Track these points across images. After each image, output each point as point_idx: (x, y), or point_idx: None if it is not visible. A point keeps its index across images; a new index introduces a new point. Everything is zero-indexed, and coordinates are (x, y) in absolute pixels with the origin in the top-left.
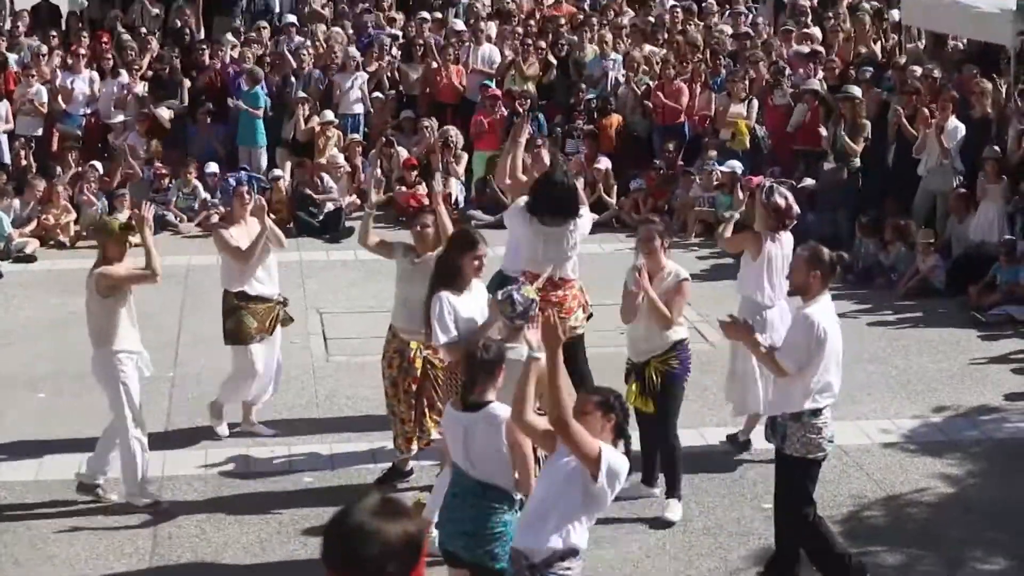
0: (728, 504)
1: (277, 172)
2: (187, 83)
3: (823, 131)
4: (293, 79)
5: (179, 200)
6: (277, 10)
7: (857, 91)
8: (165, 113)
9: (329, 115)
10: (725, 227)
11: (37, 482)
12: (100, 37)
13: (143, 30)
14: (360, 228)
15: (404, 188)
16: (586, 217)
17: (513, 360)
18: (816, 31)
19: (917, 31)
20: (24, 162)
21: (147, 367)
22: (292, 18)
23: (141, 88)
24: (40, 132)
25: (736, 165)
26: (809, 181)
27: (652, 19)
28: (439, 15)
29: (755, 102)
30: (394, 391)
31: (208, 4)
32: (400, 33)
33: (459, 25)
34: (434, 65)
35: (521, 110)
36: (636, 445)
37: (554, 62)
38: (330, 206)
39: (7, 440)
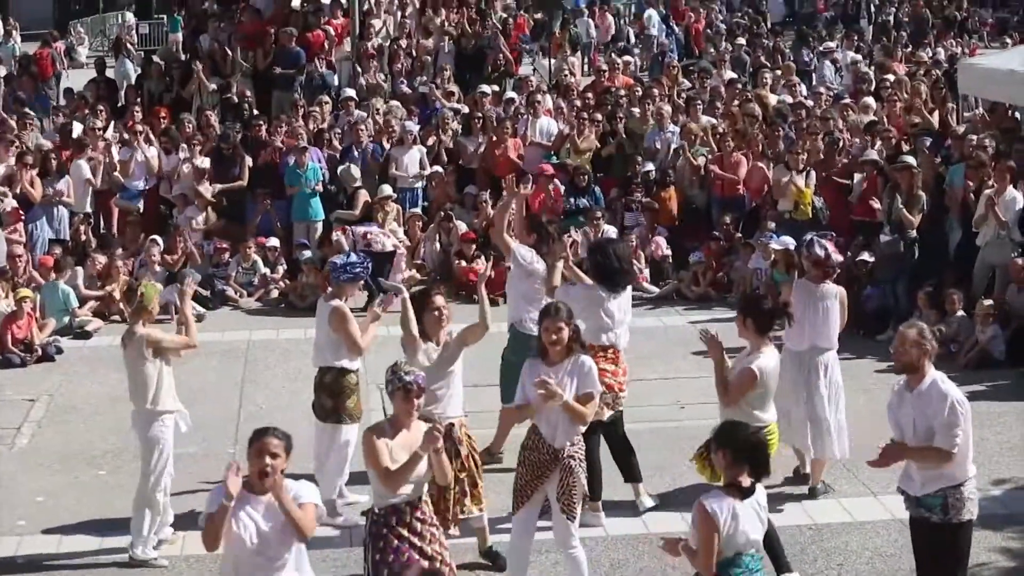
0: None
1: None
2: (248, 160)
3: (875, 203)
4: (353, 153)
5: (238, 275)
6: (336, 84)
7: (912, 160)
8: (206, 191)
9: (387, 190)
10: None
11: (96, 562)
12: (158, 112)
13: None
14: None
15: (463, 262)
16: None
17: None
18: (872, 101)
19: (974, 100)
20: (84, 237)
21: (185, 422)
22: (351, 92)
23: (200, 163)
24: (90, 209)
25: (789, 242)
26: (867, 256)
27: (708, 90)
28: (496, 88)
29: (812, 173)
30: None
31: (267, 80)
32: (461, 107)
33: (516, 99)
34: (493, 138)
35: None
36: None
37: (611, 134)
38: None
39: (68, 519)
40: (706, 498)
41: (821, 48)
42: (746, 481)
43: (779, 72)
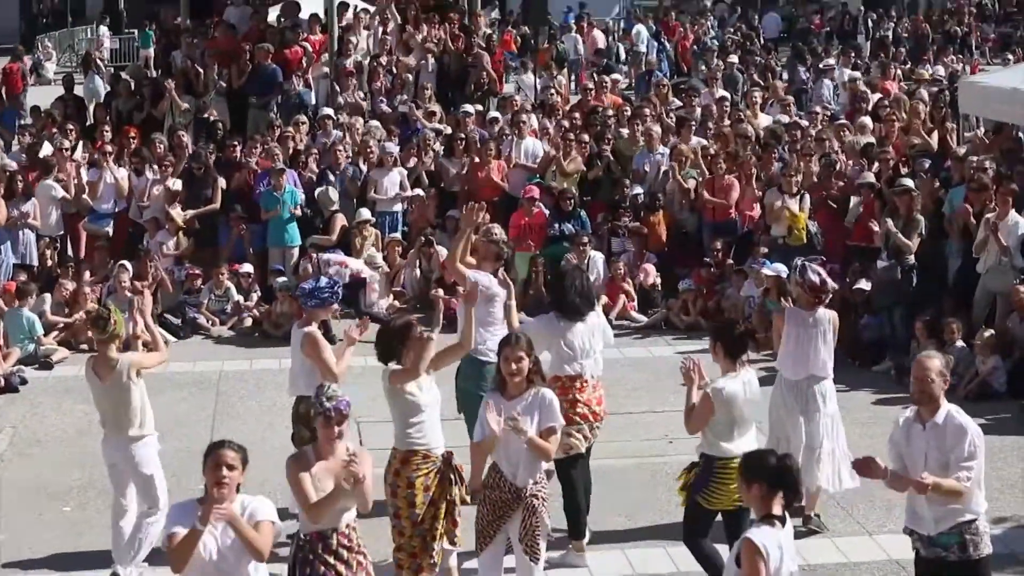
0: None
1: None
2: (221, 181)
3: (875, 226)
4: (330, 175)
5: (211, 303)
6: (313, 103)
7: (911, 184)
8: (178, 215)
9: (365, 213)
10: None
11: None
12: (127, 132)
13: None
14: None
15: (443, 291)
16: (602, 318)
17: None
18: (869, 121)
19: (975, 119)
20: (50, 262)
21: (156, 444)
22: (329, 111)
23: (171, 185)
24: (61, 232)
25: (781, 269)
26: (864, 284)
27: (699, 110)
28: (479, 107)
29: (807, 197)
30: (412, 525)
31: (242, 98)
32: (444, 127)
33: (500, 119)
34: (476, 160)
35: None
36: None
37: (598, 156)
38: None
39: (32, 556)
40: (752, 533)
41: (821, 65)
42: (778, 509)
43: (768, 91)
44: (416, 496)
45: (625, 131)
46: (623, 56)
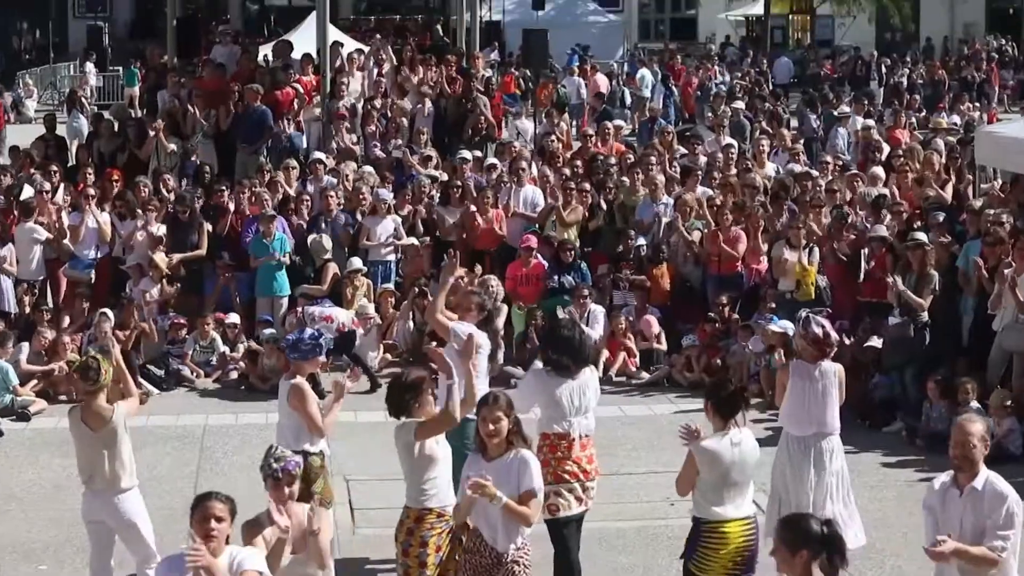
0: None
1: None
2: (207, 226)
3: (892, 279)
4: (322, 222)
5: (196, 353)
6: (304, 146)
7: (924, 238)
8: (161, 261)
9: (357, 263)
10: None
11: None
12: (110, 174)
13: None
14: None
15: (436, 344)
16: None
17: None
18: (881, 171)
19: (992, 171)
20: (28, 309)
21: None
22: (320, 155)
23: (155, 230)
24: (42, 276)
25: (788, 326)
26: (875, 341)
27: (703, 158)
28: (477, 153)
29: (816, 250)
30: None
31: (231, 140)
32: (440, 174)
33: (498, 166)
34: (472, 208)
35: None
36: None
37: (602, 206)
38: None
39: None
40: None
41: (836, 113)
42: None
43: (776, 139)
44: (428, 556)
45: (628, 180)
46: (628, 100)
